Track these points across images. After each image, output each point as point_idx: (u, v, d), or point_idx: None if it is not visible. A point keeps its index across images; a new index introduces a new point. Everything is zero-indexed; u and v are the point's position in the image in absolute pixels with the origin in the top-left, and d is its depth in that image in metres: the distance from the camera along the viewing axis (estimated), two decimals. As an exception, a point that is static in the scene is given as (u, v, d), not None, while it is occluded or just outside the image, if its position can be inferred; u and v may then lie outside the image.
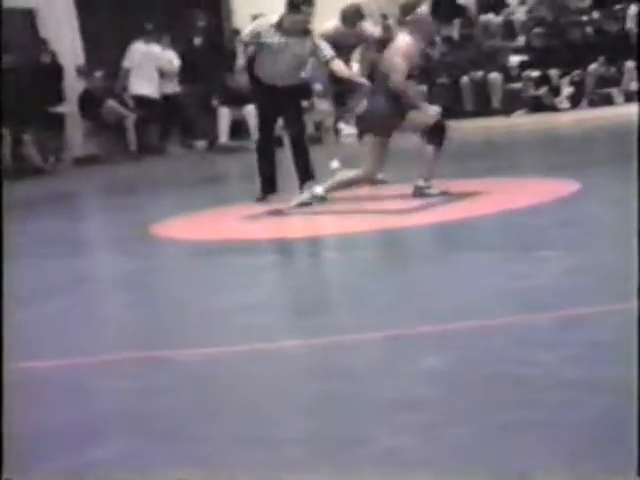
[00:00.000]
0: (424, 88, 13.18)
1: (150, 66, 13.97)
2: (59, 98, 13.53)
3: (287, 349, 3.80)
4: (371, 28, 8.60)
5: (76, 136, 13.80)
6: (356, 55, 8.53)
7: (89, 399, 3.40)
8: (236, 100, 13.78)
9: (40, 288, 5.43)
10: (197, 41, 14.58)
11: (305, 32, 7.66)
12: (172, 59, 14.28)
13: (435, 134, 7.16)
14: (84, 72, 13.88)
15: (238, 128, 14.12)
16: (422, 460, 2.59)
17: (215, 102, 14.17)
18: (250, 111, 14.02)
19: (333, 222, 7.08)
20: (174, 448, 2.86)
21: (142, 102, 13.94)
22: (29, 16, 13.38)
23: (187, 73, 14.20)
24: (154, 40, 14.00)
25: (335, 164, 8.47)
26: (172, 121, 14.45)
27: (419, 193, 7.17)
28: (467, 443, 2.66)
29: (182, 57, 14.24)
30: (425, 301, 4.33)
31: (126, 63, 13.95)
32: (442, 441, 2.70)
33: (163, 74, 14.26)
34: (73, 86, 13.75)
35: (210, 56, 14.29)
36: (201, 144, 14.40)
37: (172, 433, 2.99)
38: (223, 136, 14.06)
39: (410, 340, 3.73)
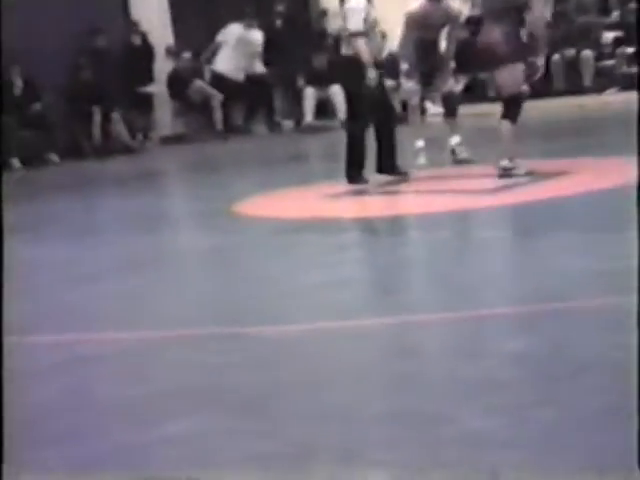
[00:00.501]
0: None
1: (240, 48, 14.05)
2: (149, 78, 13.70)
3: (368, 327, 3.78)
4: (458, 6, 8.45)
5: (164, 115, 13.96)
6: (444, 34, 8.40)
7: (171, 373, 3.43)
8: (321, 80, 13.76)
9: (125, 263, 5.51)
10: (278, 24, 14.59)
11: None
12: (259, 40, 14.34)
13: (510, 107, 7.04)
14: (173, 53, 14.02)
15: (323, 108, 14.11)
16: (509, 441, 2.53)
17: (301, 82, 14.18)
18: (336, 91, 14.01)
19: (416, 201, 7.02)
20: (253, 423, 2.87)
21: (222, 81, 14.03)
22: (121, -2, 13.58)
23: (269, 55, 14.23)
24: (248, 24, 14.08)
25: (420, 143, 8.40)
26: (257, 101, 14.50)
27: (505, 174, 7.05)
28: (556, 426, 2.58)
29: (264, 39, 14.27)
30: (509, 282, 4.26)
31: (219, 37, 14.09)
32: (529, 423, 2.64)
33: (251, 55, 14.33)
34: (162, 66, 13.90)
35: (291, 38, 14.28)
36: (287, 124, 14.44)
37: (252, 408, 3.00)
38: (308, 116, 14.06)
39: (494, 321, 3.67)
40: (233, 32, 14.13)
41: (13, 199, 9.24)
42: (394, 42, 15.40)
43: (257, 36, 14.38)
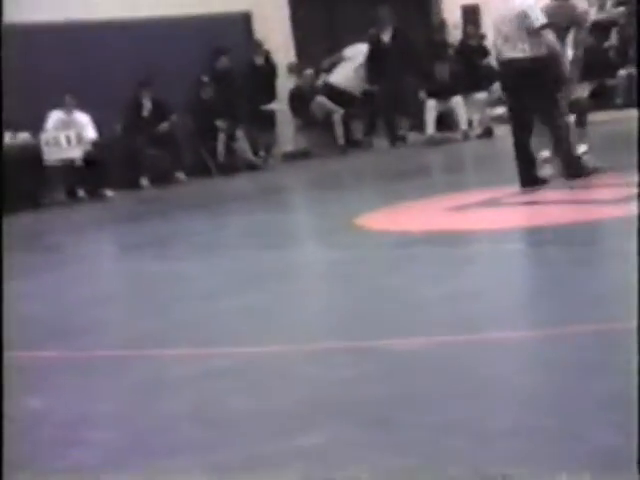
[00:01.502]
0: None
1: (356, 63, 14.15)
2: (272, 96, 13.92)
3: (494, 340, 3.74)
4: (584, 5, 8.15)
5: (286, 132, 14.15)
6: (570, 38, 8.11)
7: (300, 386, 3.47)
8: (443, 92, 13.70)
9: (249, 278, 5.60)
10: (386, 38, 14.55)
11: None
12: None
13: None
14: (295, 70, 14.21)
15: (445, 120, 14.04)
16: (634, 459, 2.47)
17: (422, 94, 14.15)
18: (458, 102, 13.92)
19: (540, 212, 6.90)
20: (384, 436, 2.87)
21: (336, 94, 14.11)
22: (245, 19, 13.83)
23: (373, 71, 14.22)
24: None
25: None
26: (377, 115, 14.54)
27: None
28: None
29: (370, 54, 14.25)
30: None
31: (347, 52, 14.20)
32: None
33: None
34: (284, 83, 14.11)
35: (398, 53, 14.21)
36: (409, 137, 14.42)
37: (382, 421, 3.00)
38: (430, 128, 14.02)
39: (624, 335, 3.58)
40: (361, 50, 14.21)
41: (143, 217, 9.53)
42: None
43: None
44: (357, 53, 14.24)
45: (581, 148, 8.12)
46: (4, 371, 2.99)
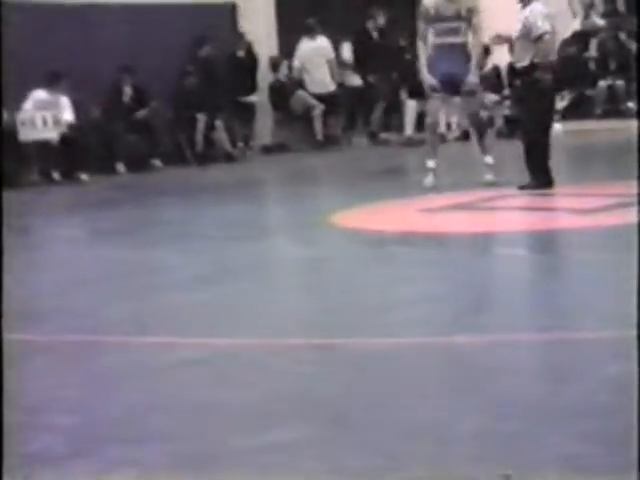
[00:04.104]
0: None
1: (320, 60, 14.11)
2: (252, 88, 13.90)
3: (456, 344, 3.78)
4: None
5: (265, 125, 14.14)
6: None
7: (267, 381, 3.49)
8: (424, 93, 13.72)
9: (222, 270, 5.61)
10: (375, 36, 14.56)
11: None
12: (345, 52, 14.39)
13: None
14: (276, 63, 14.20)
15: (424, 121, 14.07)
16: (605, 468, 2.51)
17: (403, 95, 14.18)
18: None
19: (512, 218, 6.97)
20: (346, 435, 2.90)
21: (321, 99, 14.12)
22: (230, 10, 13.79)
23: (362, 67, 14.23)
24: (318, 34, 14.05)
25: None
26: (356, 113, 14.55)
27: None
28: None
29: (356, 50, 14.25)
30: (605, 304, 4.20)
31: (296, 62, 14.13)
32: (628, 451, 2.60)
33: (346, 65, 14.39)
34: (265, 76, 14.09)
35: (386, 52, 14.25)
36: (386, 136, 14.45)
37: (343, 420, 3.03)
38: (409, 128, 14.06)
39: (588, 344, 3.63)
40: (303, 47, 14.13)
41: (117, 203, 9.50)
42: (497, 55, 15.32)
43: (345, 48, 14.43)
44: (302, 52, 14.06)
45: (487, 159, 8.26)
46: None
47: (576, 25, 14.14)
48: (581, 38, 14.05)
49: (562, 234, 6.20)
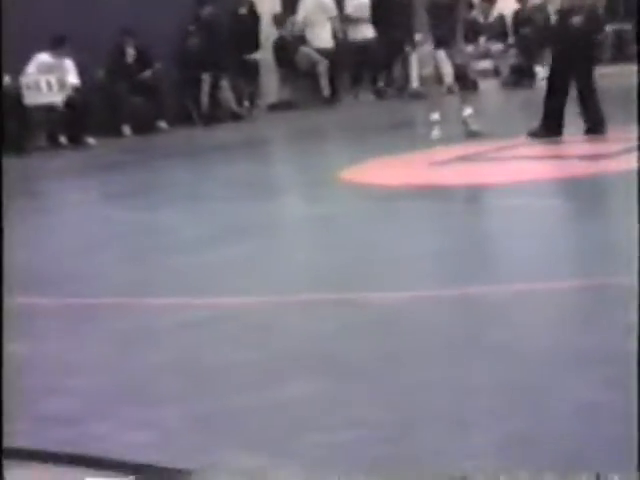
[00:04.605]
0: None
1: (322, 17, 13.97)
2: (255, 46, 13.79)
3: (471, 296, 3.76)
4: None
5: (270, 83, 14.04)
6: None
7: (280, 338, 3.48)
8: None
9: (231, 230, 5.59)
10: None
11: None
12: (366, 4, 14.24)
13: None
14: (280, 20, 14.07)
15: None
16: (621, 415, 2.49)
17: (407, 48, 14.05)
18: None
19: (520, 168, 6.91)
20: (363, 391, 2.89)
21: (326, 54, 14.01)
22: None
23: (379, 20, 14.10)
24: None
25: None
26: (363, 68, 14.44)
27: None
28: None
29: (374, 3, 14.14)
30: (623, 252, 4.16)
31: (299, 18, 14.00)
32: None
33: (355, 20, 14.25)
34: (268, 34, 13.97)
35: (403, 6, 14.12)
36: (391, 90, 14.35)
37: (358, 376, 3.02)
38: (415, 81, 13.95)
39: (606, 291, 3.60)
40: (304, 3, 14.00)
41: (124, 166, 9.47)
42: (502, 3, 15.13)
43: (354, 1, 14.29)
44: (303, 8, 13.94)
45: (466, 111, 8.24)
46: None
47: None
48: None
49: (571, 182, 6.14)
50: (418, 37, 8.41)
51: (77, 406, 2.94)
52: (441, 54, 8.55)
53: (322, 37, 14.07)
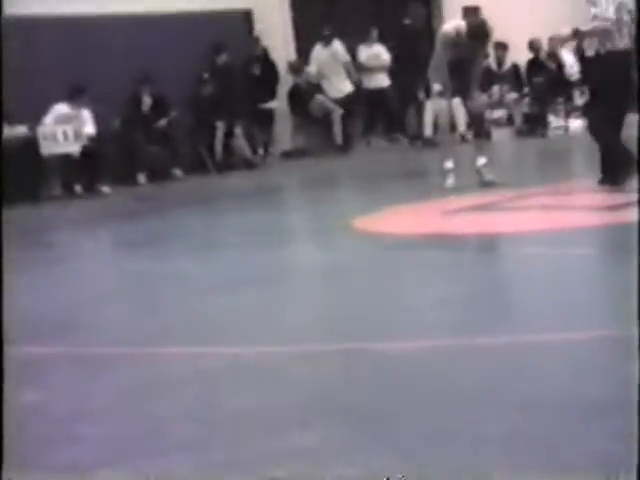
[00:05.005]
0: None
1: (336, 65, 14.11)
2: (271, 94, 13.92)
3: (484, 346, 3.76)
4: None
5: (284, 130, 14.16)
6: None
7: (292, 388, 3.48)
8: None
9: (244, 278, 5.61)
10: (407, 36, 14.57)
11: None
12: (380, 53, 14.38)
13: None
14: (295, 68, 14.21)
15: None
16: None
17: (421, 95, 14.16)
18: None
19: (536, 217, 6.92)
20: (373, 439, 2.89)
21: (339, 102, 14.13)
22: (246, 17, 13.82)
23: (399, 68, 14.21)
24: (330, 42, 14.07)
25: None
26: (377, 114, 14.55)
27: None
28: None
29: (394, 51, 14.24)
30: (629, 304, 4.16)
31: (312, 68, 14.14)
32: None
33: (369, 69, 14.38)
34: (283, 81, 14.12)
35: (419, 52, 14.24)
36: (404, 138, 14.44)
37: (371, 425, 3.02)
38: (428, 129, 14.03)
39: (619, 343, 3.60)
40: (317, 54, 14.16)
41: (139, 214, 9.54)
42: (516, 52, 15.21)
43: (377, 49, 14.41)
44: (315, 59, 14.09)
45: (480, 160, 8.26)
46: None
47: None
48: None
49: (584, 232, 6.15)
50: (437, 87, 8.44)
51: (91, 454, 2.95)
52: (456, 102, 8.62)
53: (338, 87, 14.21)
